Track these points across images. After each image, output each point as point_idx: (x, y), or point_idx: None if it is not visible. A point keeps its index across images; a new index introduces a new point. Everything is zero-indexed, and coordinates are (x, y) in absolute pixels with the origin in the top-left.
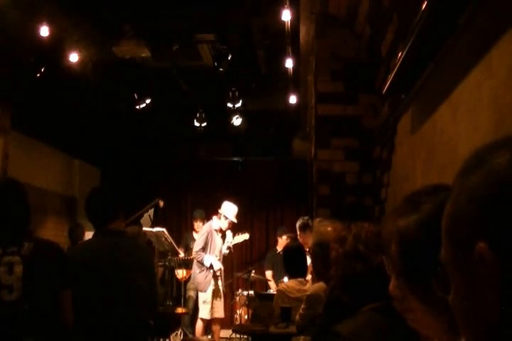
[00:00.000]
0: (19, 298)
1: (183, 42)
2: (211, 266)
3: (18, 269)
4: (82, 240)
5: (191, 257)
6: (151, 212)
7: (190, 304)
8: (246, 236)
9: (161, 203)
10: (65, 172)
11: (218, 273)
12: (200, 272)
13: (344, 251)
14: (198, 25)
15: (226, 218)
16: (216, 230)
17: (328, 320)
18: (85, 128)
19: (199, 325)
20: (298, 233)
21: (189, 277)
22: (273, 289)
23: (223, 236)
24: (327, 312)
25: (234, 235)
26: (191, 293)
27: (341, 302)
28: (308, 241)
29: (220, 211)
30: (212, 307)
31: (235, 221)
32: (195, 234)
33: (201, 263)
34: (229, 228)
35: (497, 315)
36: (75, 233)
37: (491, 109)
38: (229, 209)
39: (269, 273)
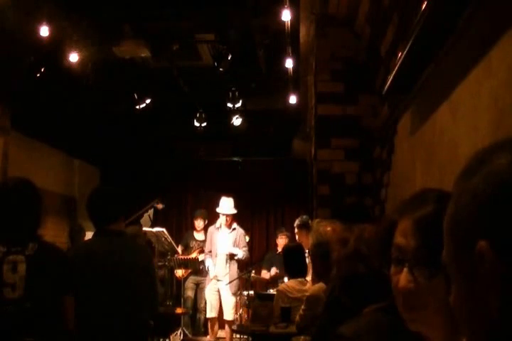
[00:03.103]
0: (21, 296)
1: (183, 42)
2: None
3: (22, 268)
4: (82, 240)
5: (189, 257)
6: (151, 212)
7: (189, 304)
8: (246, 238)
9: (160, 206)
10: (65, 172)
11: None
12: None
13: (346, 252)
14: (198, 25)
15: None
16: (218, 228)
17: (328, 320)
18: (85, 128)
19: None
20: (296, 231)
21: (187, 276)
22: (273, 289)
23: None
24: (327, 313)
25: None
26: (189, 293)
27: (341, 303)
28: (304, 239)
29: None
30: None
31: (227, 212)
32: (195, 233)
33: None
34: (229, 222)
35: (497, 314)
36: (76, 233)
37: (491, 109)
38: (220, 205)
39: (264, 274)
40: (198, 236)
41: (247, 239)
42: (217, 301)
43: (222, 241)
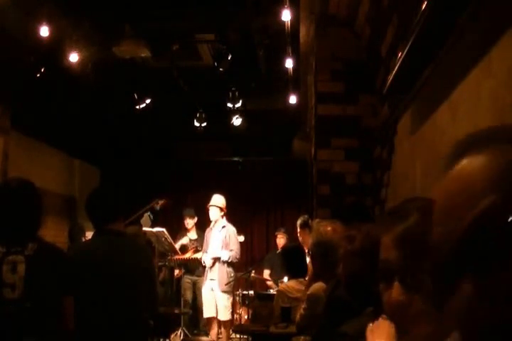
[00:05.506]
0: (21, 296)
1: (183, 42)
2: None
3: (21, 268)
4: (81, 240)
5: (190, 257)
6: (150, 212)
7: (188, 304)
8: (241, 238)
9: (157, 206)
10: (65, 172)
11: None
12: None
13: (352, 249)
14: (198, 25)
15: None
16: (211, 228)
17: (328, 320)
18: (85, 128)
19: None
20: (298, 231)
21: (181, 276)
22: (272, 289)
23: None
24: (327, 312)
25: None
26: (188, 293)
27: (342, 302)
28: (307, 239)
29: None
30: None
31: (211, 204)
32: (187, 233)
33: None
34: (216, 216)
35: None
36: (75, 232)
37: (491, 109)
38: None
39: (266, 273)
40: (191, 235)
41: (242, 238)
42: (214, 301)
43: (212, 241)
